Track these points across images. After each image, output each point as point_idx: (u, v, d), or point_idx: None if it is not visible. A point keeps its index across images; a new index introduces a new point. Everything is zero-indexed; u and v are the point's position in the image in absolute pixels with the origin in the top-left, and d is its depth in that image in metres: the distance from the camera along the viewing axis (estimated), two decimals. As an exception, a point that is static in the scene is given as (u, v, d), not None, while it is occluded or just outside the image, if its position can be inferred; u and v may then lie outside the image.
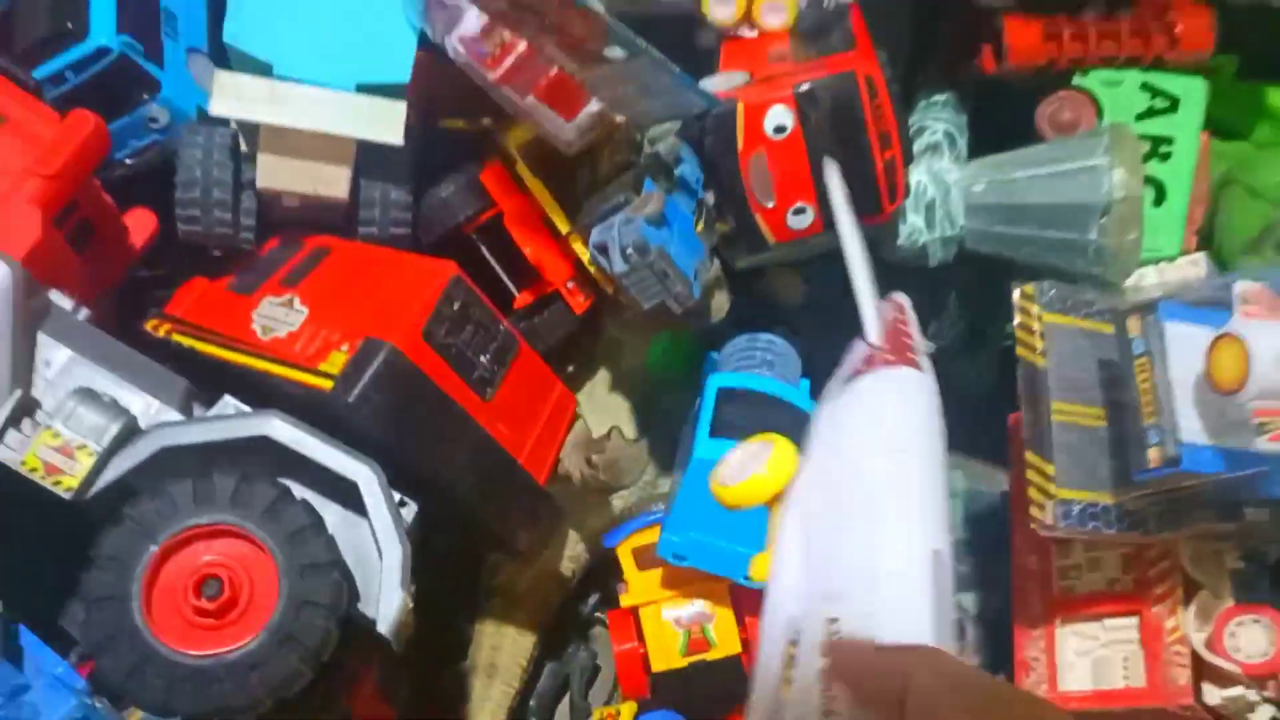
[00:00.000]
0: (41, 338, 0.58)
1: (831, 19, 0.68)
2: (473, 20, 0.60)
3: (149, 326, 0.68)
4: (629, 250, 0.59)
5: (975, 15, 0.71)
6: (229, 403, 0.61)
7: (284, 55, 0.64)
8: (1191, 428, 0.54)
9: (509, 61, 0.59)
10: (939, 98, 0.75)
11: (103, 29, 0.70)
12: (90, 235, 0.68)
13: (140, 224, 0.74)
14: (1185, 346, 0.55)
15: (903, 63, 0.75)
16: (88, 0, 0.70)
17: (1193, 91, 0.71)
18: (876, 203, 0.63)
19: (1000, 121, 0.74)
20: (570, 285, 0.69)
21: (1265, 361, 0.51)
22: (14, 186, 0.60)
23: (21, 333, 0.57)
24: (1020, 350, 0.61)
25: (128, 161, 0.73)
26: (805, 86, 0.60)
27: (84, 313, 0.61)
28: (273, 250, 0.70)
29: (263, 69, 0.63)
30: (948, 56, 0.75)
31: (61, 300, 0.61)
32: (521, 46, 0.58)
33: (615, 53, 0.55)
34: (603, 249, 0.62)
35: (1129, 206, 0.61)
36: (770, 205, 0.64)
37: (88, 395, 0.56)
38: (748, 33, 0.70)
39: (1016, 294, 0.62)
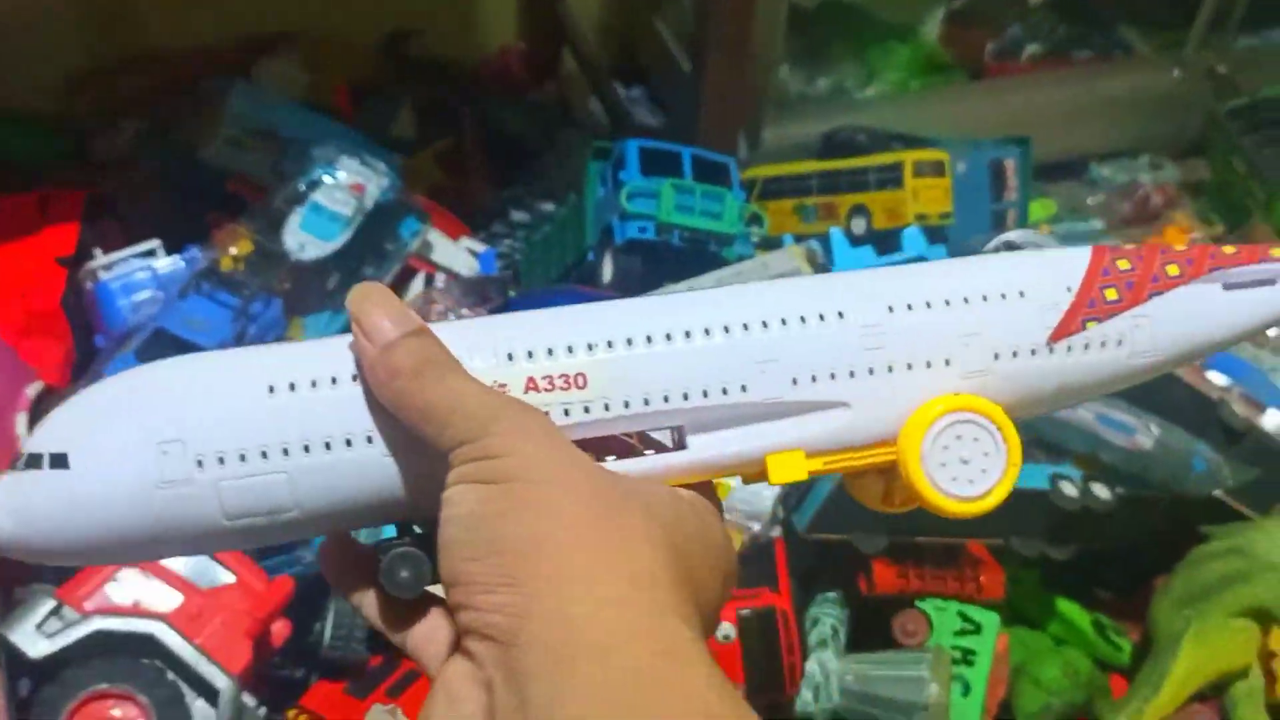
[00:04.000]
0: (240, 729, 0.89)
1: (762, 549, 1.05)
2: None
3: (289, 715, 0.99)
4: None
5: (857, 554, 1.08)
6: (349, 779, 0.92)
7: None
8: None
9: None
10: (831, 594, 1.12)
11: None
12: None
13: (279, 631, 1.06)
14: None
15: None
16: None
17: (990, 621, 1.08)
18: (782, 686, 0.98)
19: (869, 620, 1.11)
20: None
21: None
22: (236, 623, 0.93)
23: (232, 724, 0.89)
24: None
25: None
26: (746, 613, 0.96)
27: (262, 710, 0.93)
28: (378, 665, 1.02)
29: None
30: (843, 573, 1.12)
31: (249, 699, 0.93)
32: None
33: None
34: None
35: (938, 709, 0.97)
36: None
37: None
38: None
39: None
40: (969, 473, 0.43)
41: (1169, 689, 1.06)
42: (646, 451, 0.43)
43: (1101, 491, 1.08)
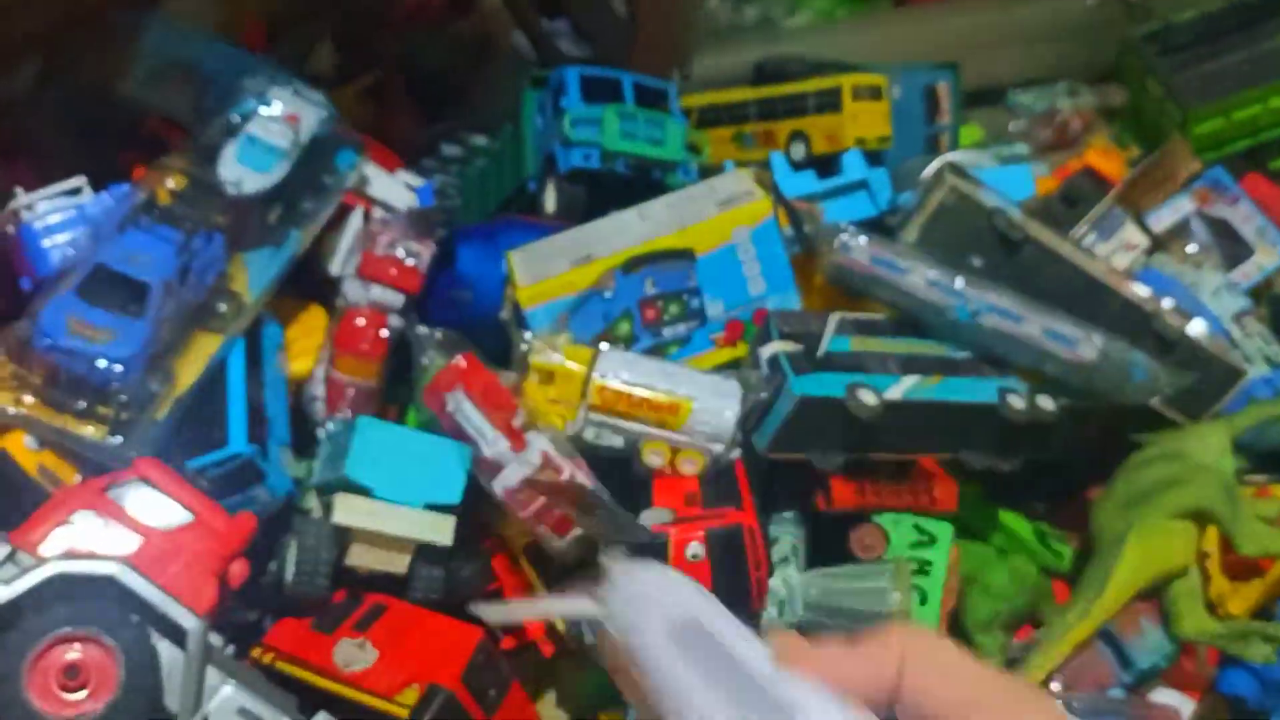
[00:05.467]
0: (210, 670, 0.87)
1: (723, 471, 1.06)
2: (511, 477, 0.95)
3: (255, 654, 0.97)
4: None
5: (815, 473, 1.09)
6: (325, 716, 0.90)
7: (380, 483, 0.98)
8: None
9: (533, 508, 0.94)
10: (787, 514, 1.13)
11: (238, 440, 1.02)
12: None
13: (238, 571, 1.04)
14: None
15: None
16: (227, 419, 1.03)
17: (944, 531, 1.11)
18: (750, 602, 0.99)
19: (827, 537, 1.13)
20: (543, 637, 1.03)
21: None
22: (200, 562, 0.90)
23: (200, 667, 0.87)
24: None
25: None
26: (714, 531, 0.97)
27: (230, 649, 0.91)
28: (342, 600, 1.01)
29: (366, 492, 0.97)
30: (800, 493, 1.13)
31: (216, 639, 0.90)
32: (541, 501, 0.94)
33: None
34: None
35: (901, 618, 0.99)
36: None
37: (249, 714, 0.85)
38: (669, 473, 1.07)
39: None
40: None
41: (1113, 589, 1.11)
42: None
43: (1046, 403, 1.11)
